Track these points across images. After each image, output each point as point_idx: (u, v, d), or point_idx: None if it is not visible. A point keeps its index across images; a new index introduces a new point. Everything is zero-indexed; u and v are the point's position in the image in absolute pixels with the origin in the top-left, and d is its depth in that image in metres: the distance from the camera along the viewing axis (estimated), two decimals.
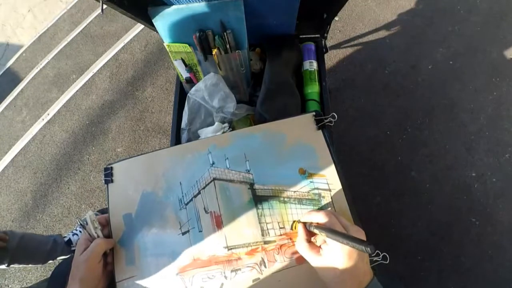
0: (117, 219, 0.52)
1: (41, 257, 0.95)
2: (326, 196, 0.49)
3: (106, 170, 0.55)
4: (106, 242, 0.47)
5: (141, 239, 0.50)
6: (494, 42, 1.31)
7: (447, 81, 1.26)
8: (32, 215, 1.34)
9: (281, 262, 0.46)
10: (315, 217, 0.41)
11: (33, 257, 0.93)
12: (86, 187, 1.34)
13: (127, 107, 1.47)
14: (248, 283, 0.45)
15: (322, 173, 0.51)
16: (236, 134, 0.56)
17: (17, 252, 0.86)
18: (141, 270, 0.48)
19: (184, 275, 0.47)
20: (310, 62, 0.78)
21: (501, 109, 1.18)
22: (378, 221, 1.05)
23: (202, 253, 0.48)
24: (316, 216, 0.41)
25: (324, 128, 0.54)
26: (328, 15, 0.74)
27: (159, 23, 0.67)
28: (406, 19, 1.41)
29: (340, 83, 1.31)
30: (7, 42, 2.23)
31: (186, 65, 0.77)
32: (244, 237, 0.48)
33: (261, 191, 0.51)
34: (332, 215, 0.40)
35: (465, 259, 0.99)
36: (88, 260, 0.43)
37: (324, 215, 0.40)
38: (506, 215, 1.03)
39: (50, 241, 0.99)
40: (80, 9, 1.96)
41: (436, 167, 1.12)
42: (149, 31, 1.66)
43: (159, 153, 0.56)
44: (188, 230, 0.49)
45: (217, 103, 0.72)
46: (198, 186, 0.52)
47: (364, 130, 1.21)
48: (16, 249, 0.85)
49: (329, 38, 0.82)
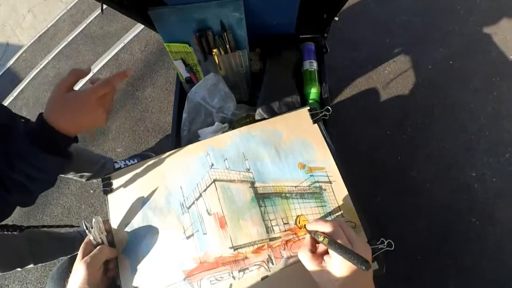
0: (120, 229, 0.52)
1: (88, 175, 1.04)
2: (327, 188, 0.50)
3: (104, 181, 0.55)
4: (110, 251, 0.47)
5: (145, 247, 0.50)
6: (494, 42, 1.30)
7: (447, 81, 1.26)
8: (32, 215, 1.34)
9: (288, 257, 0.46)
10: (321, 226, 0.41)
11: (82, 170, 1.01)
12: (86, 187, 1.33)
13: (127, 107, 1.47)
14: (257, 281, 0.45)
15: (321, 166, 0.51)
16: (233, 134, 0.56)
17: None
18: (147, 278, 0.48)
19: (192, 279, 0.47)
20: (310, 62, 0.78)
21: (501, 109, 1.18)
22: (378, 221, 1.04)
23: (208, 255, 0.48)
24: (322, 225, 0.41)
25: (319, 122, 0.54)
26: (328, 15, 0.74)
27: (159, 23, 0.67)
28: (406, 19, 1.41)
29: (340, 83, 1.31)
30: (7, 42, 2.23)
31: (186, 65, 0.77)
32: (249, 236, 0.48)
33: (263, 189, 0.51)
34: (338, 226, 0.39)
35: (465, 259, 0.99)
36: (89, 265, 0.43)
37: (330, 225, 0.40)
38: (506, 215, 1.03)
39: (100, 163, 1.07)
40: (80, 9, 1.96)
41: (436, 167, 1.12)
42: (149, 31, 1.66)
43: (156, 159, 0.56)
44: (192, 233, 0.49)
45: (217, 103, 0.72)
46: (199, 189, 0.52)
47: (364, 130, 1.21)
48: None
49: (329, 38, 0.82)
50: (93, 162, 1.06)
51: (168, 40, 0.71)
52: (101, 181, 0.55)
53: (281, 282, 0.45)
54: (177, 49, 0.72)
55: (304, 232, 0.47)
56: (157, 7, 0.63)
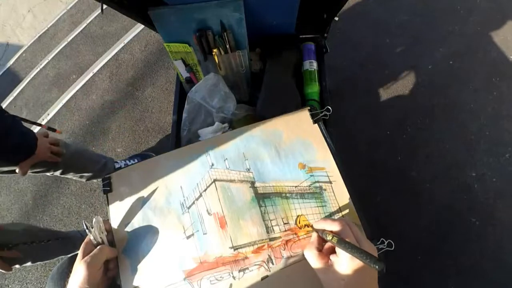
0: (120, 228, 0.51)
1: (88, 175, 1.04)
2: (327, 188, 0.50)
3: (104, 180, 0.55)
4: (111, 251, 0.47)
5: (145, 247, 0.50)
6: (494, 42, 1.30)
7: (447, 81, 1.26)
8: (32, 215, 1.34)
9: (288, 257, 0.46)
10: (329, 225, 0.41)
11: (82, 171, 1.01)
12: (86, 187, 1.33)
13: (127, 107, 1.47)
14: (257, 281, 0.45)
15: (321, 166, 0.51)
16: (233, 134, 0.56)
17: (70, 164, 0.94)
18: (147, 278, 0.48)
19: (192, 279, 0.46)
20: (310, 62, 0.78)
21: (501, 109, 1.18)
22: (378, 221, 1.04)
23: (208, 255, 0.47)
24: (330, 224, 0.41)
25: (320, 122, 0.54)
26: (328, 15, 0.74)
27: (159, 23, 0.67)
28: (406, 19, 1.41)
29: (340, 83, 1.31)
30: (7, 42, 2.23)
31: (186, 65, 0.77)
32: (249, 236, 0.48)
33: (263, 189, 0.51)
34: (346, 225, 0.39)
35: (465, 259, 0.99)
36: (89, 265, 0.43)
37: (338, 224, 0.39)
38: (506, 215, 1.03)
39: (101, 163, 1.07)
40: (80, 9, 1.96)
41: (436, 167, 1.12)
42: (149, 31, 1.66)
43: (157, 159, 0.56)
44: (193, 233, 0.49)
45: (217, 103, 0.72)
46: (199, 188, 0.52)
47: (364, 130, 1.21)
48: (70, 160, 0.92)
49: (329, 38, 0.82)
50: (93, 162, 1.06)
51: (168, 40, 0.71)
52: (101, 181, 0.55)
53: (281, 282, 0.45)
54: (177, 49, 0.73)
55: (304, 232, 0.47)
56: (157, 7, 0.63)
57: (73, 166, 0.97)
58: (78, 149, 1.01)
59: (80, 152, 1.02)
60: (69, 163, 0.94)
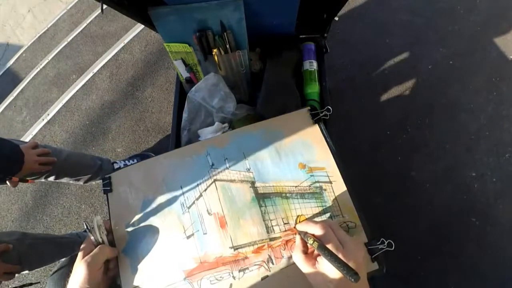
0: (120, 228, 0.52)
1: (85, 178, 1.04)
2: (327, 188, 0.50)
3: (104, 180, 0.55)
4: (111, 250, 0.47)
5: (146, 246, 0.50)
6: (494, 42, 1.30)
7: (447, 81, 1.26)
8: (32, 215, 1.34)
9: (288, 257, 0.46)
10: (311, 228, 0.40)
11: (77, 175, 1.02)
12: (86, 187, 1.33)
13: (127, 107, 1.47)
14: (257, 281, 0.45)
15: (321, 166, 0.51)
16: (234, 134, 0.56)
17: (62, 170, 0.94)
18: (147, 278, 0.48)
19: (192, 279, 0.47)
20: (310, 62, 0.78)
21: (501, 109, 1.18)
22: (378, 221, 1.04)
23: (208, 255, 0.48)
24: (312, 227, 0.40)
25: (320, 122, 0.54)
26: (328, 15, 0.74)
27: (159, 23, 0.67)
28: (406, 19, 1.41)
29: (340, 83, 1.31)
30: (7, 42, 2.23)
31: (186, 65, 0.77)
32: (249, 235, 0.48)
33: (263, 189, 0.51)
34: (329, 228, 0.39)
35: (465, 259, 0.99)
36: (90, 265, 0.43)
37: (320, 227, 0.39)
38: (506, 215, 1.03)
39: (96, 166, 1.07)
40: (80, 9, 1.96)
41: (436, 167, 1.12)
42: (149, 31, 1.66)
43: (157, 159, 0.56)
44: (193, 233, 0.49)
45: (217, 103, 0.72)
46: (199, 188, 0.52)
47: (364, 130, 1.21)
48: (61, 167, 0.93)
49: (329, 38, 0.82)
50: (88, 165, 1.05)
51: (168, 40, 0.71)
52: (102, 181, 0.55)
53: (281, 282, 0.45)
54: (177, 49, 0.72)
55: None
56: (157, 7, 0.63)
57: (65, 171, 0.96)
58: (70, 154, 0.99)
59: (73, 157, 1.00)
60: (61, 169, 0.93)
